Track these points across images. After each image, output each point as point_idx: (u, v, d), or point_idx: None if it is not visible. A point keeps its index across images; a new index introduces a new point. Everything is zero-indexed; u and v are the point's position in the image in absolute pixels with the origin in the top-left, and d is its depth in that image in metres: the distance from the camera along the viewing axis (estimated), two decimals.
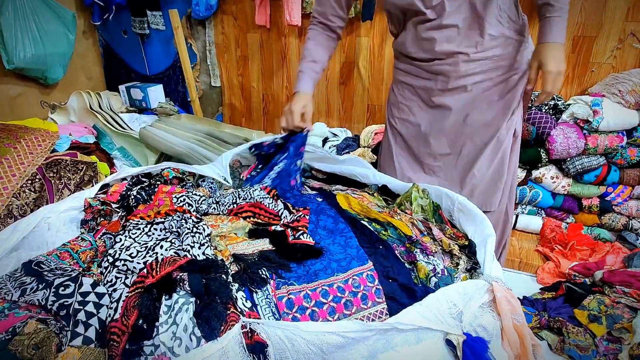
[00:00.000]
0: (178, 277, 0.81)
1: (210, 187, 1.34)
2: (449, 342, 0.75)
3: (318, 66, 1.40)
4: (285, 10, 2.50)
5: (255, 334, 0.69)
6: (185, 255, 0.87)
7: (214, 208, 1.16)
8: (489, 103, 1.36)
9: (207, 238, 0.97)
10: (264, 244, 1.03)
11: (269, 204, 1.15)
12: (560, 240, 2.10)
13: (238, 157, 1.50)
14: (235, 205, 1.16)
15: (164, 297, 0.77)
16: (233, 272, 0.90)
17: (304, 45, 1.43)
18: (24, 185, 1.76)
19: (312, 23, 1.44)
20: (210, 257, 0.90)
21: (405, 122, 1.48)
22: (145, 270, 0.82)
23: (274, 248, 1.01)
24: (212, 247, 0.95)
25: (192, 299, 0.77)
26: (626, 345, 1.51)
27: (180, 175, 1.37)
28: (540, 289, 1.91)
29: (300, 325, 0.70)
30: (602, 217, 2.13)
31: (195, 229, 0.97)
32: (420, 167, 1.50)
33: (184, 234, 0.95)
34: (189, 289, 0.79)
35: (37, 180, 1.82)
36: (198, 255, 0.89)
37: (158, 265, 0.81)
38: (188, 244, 0.91)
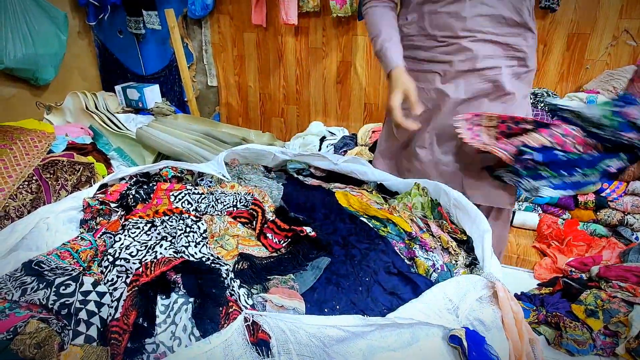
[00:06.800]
0: (172, 279, 0.81)
1: (209, 186, 1.34)
2: (453, 338, 0.76)
3: (396, 39, 1.24)
4: (281, 10, 2.50)
5: (258, 331, 0.69)
6: (182, 256, 0.87)
7: (212, 206, 1.16)
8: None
9: (202, 236, 0.97)
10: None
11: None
12: (557, 236, 2.11)
13: (236, 155, 1.50)
14: (235, 208, 1.16)
15: (159, 296, 0.77)
16: (238, 269, 0.90)
17: (371, 22, 1.28)
18: (21, 186, 1.75)
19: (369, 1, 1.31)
20: (206, 256, 0.90)
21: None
22: (140, 269, 0.82)
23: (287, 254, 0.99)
24: (208, 246, 0.95)
25: (192, 299, 0.77)
26: (623, 339, 1.52)
27: (179, 175, 1.37)
28: (538, 284, 1.92)
29: (302, 318, 0.70)
30: (598, 213, 2.15)
31: (189, 229, 0.96)
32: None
33: (178, 235, 0.95)
34: (184, 290, 0.79)
35: (33, 181, 1.81)
36: (195, 253, 0.89)
37: (153, 265, 0.81)
38: (182, 245, 0.91)
